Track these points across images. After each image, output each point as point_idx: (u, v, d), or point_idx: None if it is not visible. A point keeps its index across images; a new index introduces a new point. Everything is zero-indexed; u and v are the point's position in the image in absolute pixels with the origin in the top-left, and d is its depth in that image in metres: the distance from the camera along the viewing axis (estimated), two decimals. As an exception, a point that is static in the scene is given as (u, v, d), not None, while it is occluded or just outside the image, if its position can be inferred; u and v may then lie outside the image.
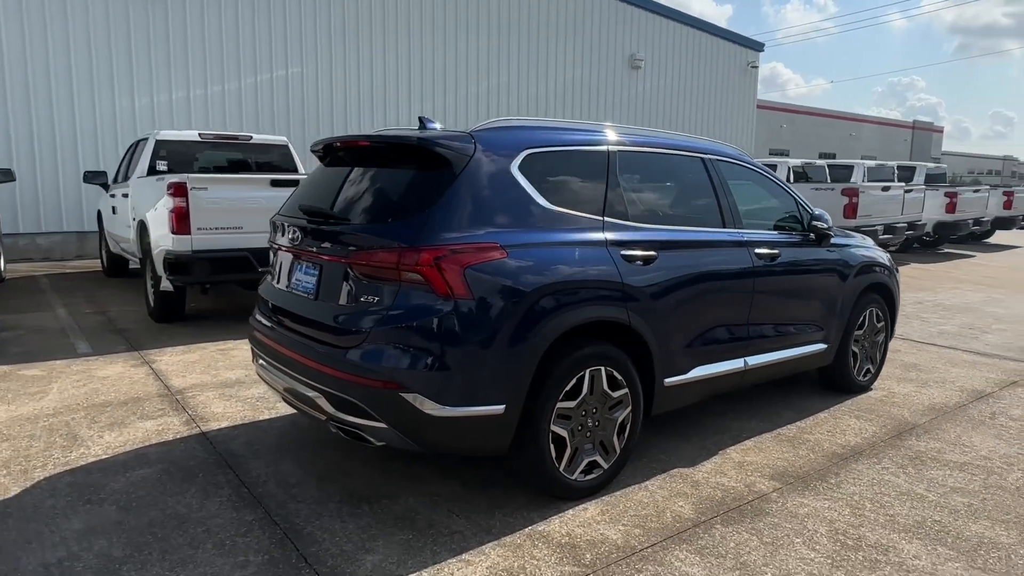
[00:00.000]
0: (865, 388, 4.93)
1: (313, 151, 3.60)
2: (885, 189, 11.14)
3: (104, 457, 3.53)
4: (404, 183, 2.96)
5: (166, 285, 6.11)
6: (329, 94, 13.60)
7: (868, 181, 14.03)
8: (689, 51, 19.90)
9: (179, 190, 5.77)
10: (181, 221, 5.80)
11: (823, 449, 3.84)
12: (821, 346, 4.45)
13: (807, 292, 4.29)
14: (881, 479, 3.47)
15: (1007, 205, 15.37)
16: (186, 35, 11.89)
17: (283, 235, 3.40)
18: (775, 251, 4.03)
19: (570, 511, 3.05)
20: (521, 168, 3.03)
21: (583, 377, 3.05)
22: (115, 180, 8.77)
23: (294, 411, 4.21)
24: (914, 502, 3.23)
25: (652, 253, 3.32)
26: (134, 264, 9.23)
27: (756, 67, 21.83)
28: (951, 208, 13.21)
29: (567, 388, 2.99)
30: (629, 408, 3.26)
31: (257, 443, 3.75)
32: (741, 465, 3.60)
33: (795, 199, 4.43)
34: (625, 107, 18.34)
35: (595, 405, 3.14)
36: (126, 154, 8.54)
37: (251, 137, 7.99)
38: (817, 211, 4.43)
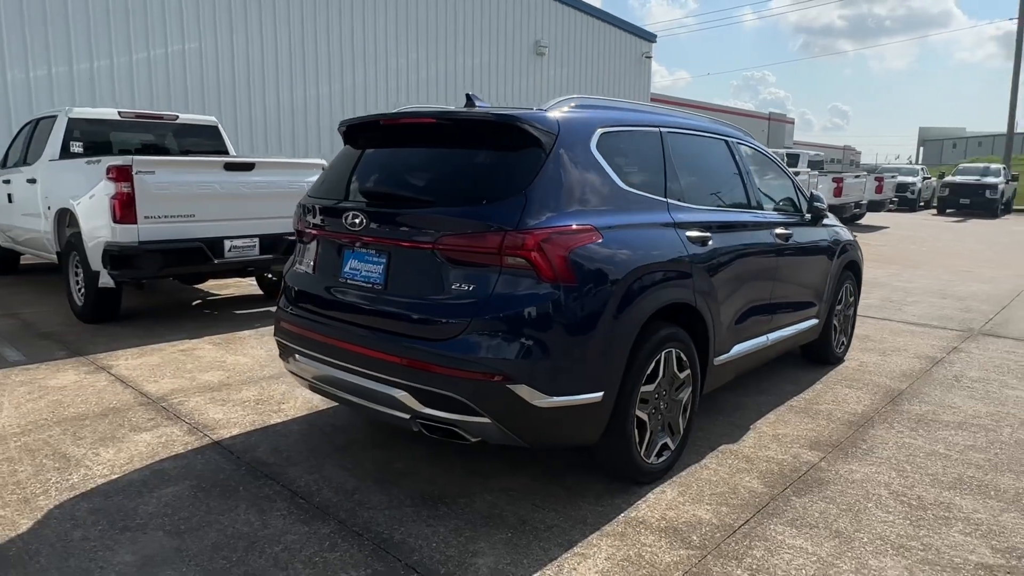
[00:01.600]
0: (840, 359, 5.26)
1: (345, 129, 3.30)
2: (796, 174, 11.94)
3: (114, 477, 3.09)
4: (488, 163, 2.78)
5: (106, 281, 5.43)
6: (231, 71, 12.63)
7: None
8: (590, 39, 20.29)
9: (122, 174, 5.13)
10: (125, 209, 5.17)
11: (837, 418, 4.06)
12: (814, 321, 4.69)
13: (809, 270, 4.50)
14: (904, 442, 3.71)
15: (878, 190, 17.00)
16: (66, 1, 10.58)
17: (320, 218, 3.10)
18: (788, 231, 4.19)
19: (650, 495, 3.03)
20: (598, 147, 2.94)
21: (659, 360, 3.03)
22: (3, 164, 7.68)
23: (307, 412, 3.91)
24: (944, 461, 3.48)
25: (708, 234, 3.35)
26: (27, 259, 8.22)
27: (650, 57, 22.64)
28: (838, 192, 14.41)
29: (648, 371, 2.96)
30: (691, 388, 3.28)
31: (284, 449, 3.42)
32: (777, 438, 3.73)
33: (792, 181, 4.63)
34: (531, 93, 18.42)
35: (666, 387, 3.13)
36: (20, 134, 7.48)
37: (177, 116, 7.25)
38: (815, 192, 4.65)
